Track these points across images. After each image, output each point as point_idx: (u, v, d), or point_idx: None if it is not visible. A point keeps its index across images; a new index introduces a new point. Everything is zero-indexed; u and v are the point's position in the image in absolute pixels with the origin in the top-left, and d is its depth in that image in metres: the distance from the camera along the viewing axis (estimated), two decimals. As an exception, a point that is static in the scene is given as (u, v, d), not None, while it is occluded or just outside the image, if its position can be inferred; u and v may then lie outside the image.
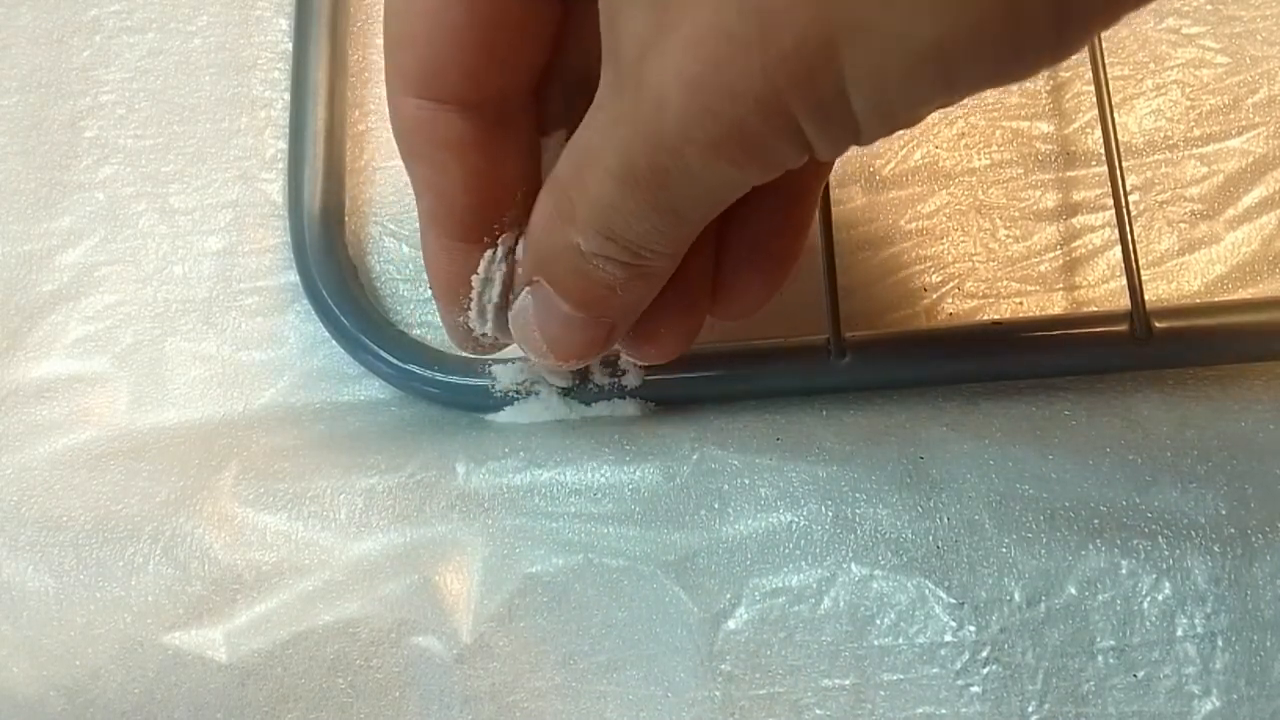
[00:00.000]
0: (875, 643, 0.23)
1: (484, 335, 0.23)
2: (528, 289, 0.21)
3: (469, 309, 0.22)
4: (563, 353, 0.22)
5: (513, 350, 0.26)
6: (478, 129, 0.20)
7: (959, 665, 0.23)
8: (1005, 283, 0.28)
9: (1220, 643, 0.22)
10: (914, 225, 0.29)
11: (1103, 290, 0.28)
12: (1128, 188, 0.27)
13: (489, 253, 0.21)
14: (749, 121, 0.15)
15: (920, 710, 0.23)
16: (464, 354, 0.29)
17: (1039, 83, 0.30)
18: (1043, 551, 0.23)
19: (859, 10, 0.14)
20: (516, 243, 0.22)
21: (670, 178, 0.17)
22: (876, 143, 0.18)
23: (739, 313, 0.23)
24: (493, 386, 0.27)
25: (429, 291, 0.30)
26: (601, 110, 0.17)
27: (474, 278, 0.22)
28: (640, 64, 0.16)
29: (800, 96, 0.15)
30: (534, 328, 0.21)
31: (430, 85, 0.20)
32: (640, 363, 0.23)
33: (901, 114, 0.15)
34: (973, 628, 0.23)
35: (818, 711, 0.23)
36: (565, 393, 0.27)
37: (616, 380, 0.26)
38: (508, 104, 0.20)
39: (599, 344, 0.22)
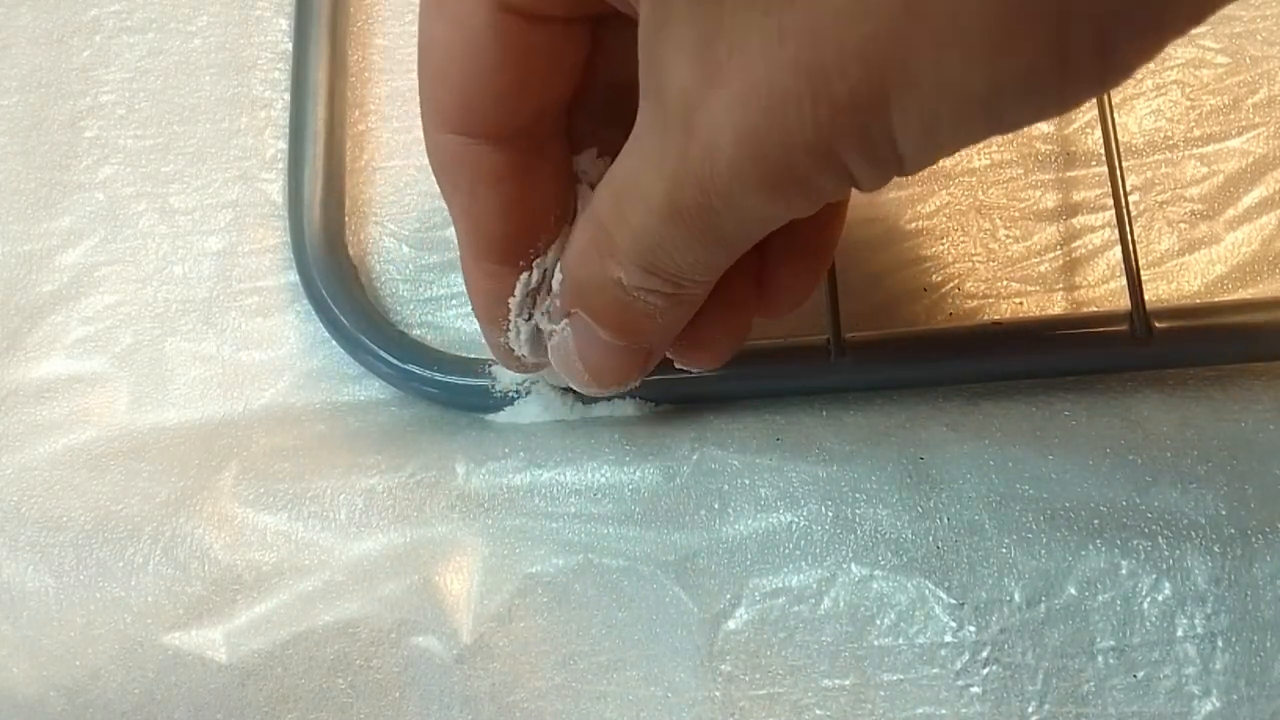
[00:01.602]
0: (875, 643, 0.23)
1: (524, 356, 0.23)
2: (566, 320, 0.22)
3: (508, 330, 0.23)
4: (606, 380, 0.22)
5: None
6: (512, 159, 0.21)
7: (959, 665, 0.23)
8: (1005, 283, 0.28)
9: (1220, 643, 0.22)
10: (914, 225, 0.29)
11: (1103, 290, 0.28)
12: (1128, 188, 0.27)
13: (524, 276, 0.22)
14: (798, 165, 0.16)
15: (920, 710, 0.23)
16: (465, 345, 0.29)
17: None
18: (1043, 551, 0.23)
19: (910, 65, 0.14)
20: (553, 266, 0.22)
21: (718, 215, 0.17)
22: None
23: (786, 309, 0.23)
24: (493, 386, 0.27)
25: (429, 292, 0.30)
26: (643, 149, 0.18)
27: (511, 300, 0.22)
28: (689, 110, 0.16)
29: (850, 143, 0.15)
30: (575, 358, 0.22)
31: (466, 121, 0.20)
32: (693, 369, 0.24)
33: (947, 151, 0.16)
34: (973, 628, 0.23)
35: (818, 711, 0.23)
36: (565, 392, 0.27)
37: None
38: (540, 131, 0.21)
39: (638, 368, 0.22)
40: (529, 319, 0.23)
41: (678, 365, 0.24)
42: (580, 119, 0.22)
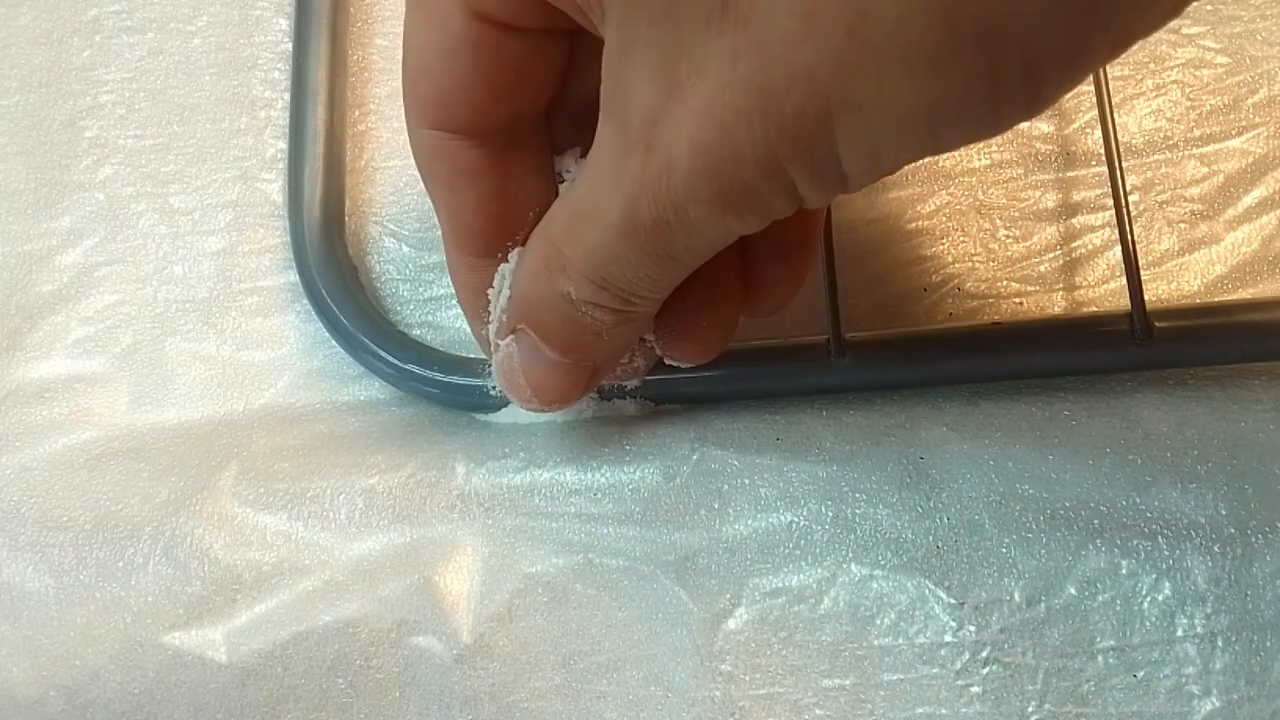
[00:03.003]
0: (875, 643, 0.23)
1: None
2: (511, 337, 0.22)
3: (489, 320, 0.23)
4: (548, 397, 0.23)
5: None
6: (489, 155, 0.21)
7: (959, 665, 0.23)
8: (1005, 283, 0.28)
9: (1220, 643, 0.22)
10: (914, 225, 0.29)
11: (1103, 290, 0.28)
12: (1128, 188, 0.27)
13: (502, 266, 0.22)
14: (749, 181, 0.16)
15: (920, 710, 0.23)
16: (464, 345, 0.29)
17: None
18: (1043, 551, 0.23)
19: (851, 88, 0.15)
20: None
21: (672, 230, 0.18)
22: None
23: (771, 306, 0.24)
24: (492, 387, 0.27)
25: (429, 292, 0.30)
26: (601, 167, 0.19)
27: (489, 291, 0.23)
28: (650, 128, 0.17)
29: (796, 160, 0.16)
30: (519, 374, 0.23)
31: (443, 117, 0.21)
32: (683, 365, 0.24)
33: (888, 169, 0.17)
34: (973, 628, 0.23)
35: (818, 711, 0.23)
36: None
37: (616, 380, 0.26)
38: (518, 130, 0.22)
39: (581, 387, 0.23)
40: (504, 310, 0.23)
41: (667, 361, 0.24)
42: (563, 123, 0.23)
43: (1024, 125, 0.29)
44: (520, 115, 0.21)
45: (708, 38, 0.15)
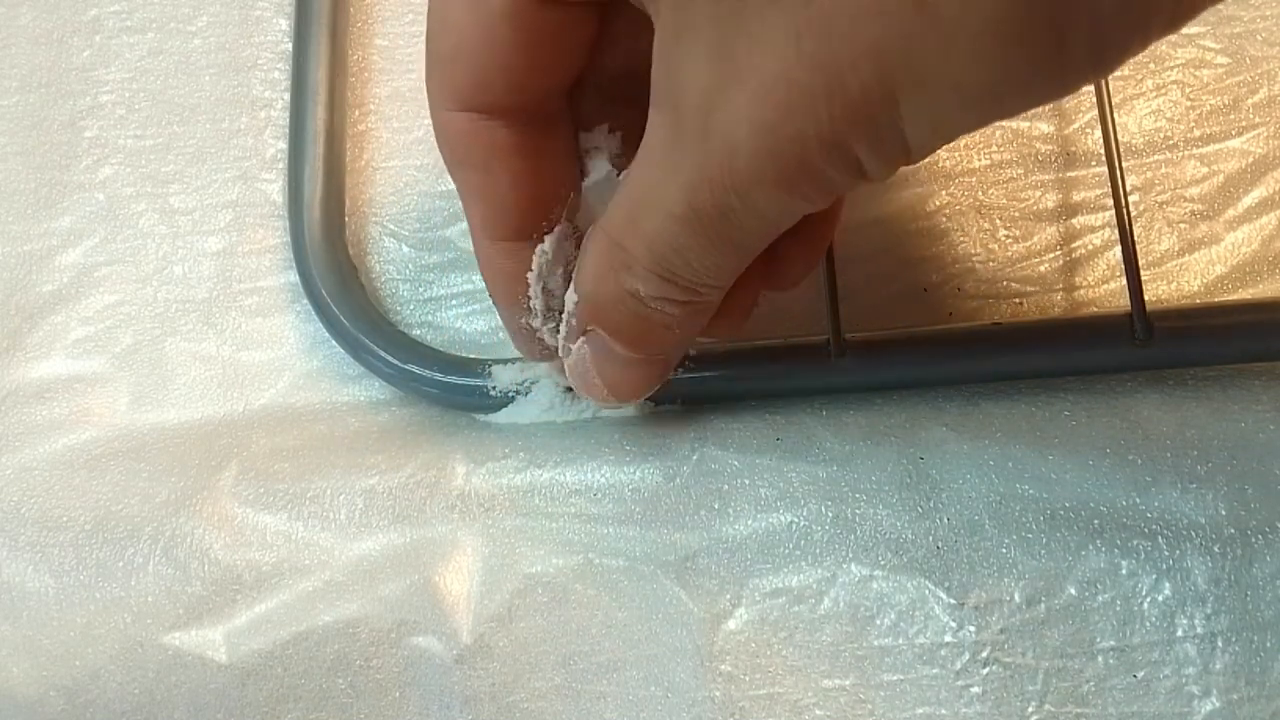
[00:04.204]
0: (875, 643, 0.23)
1: (546, 329, 0.23)
2: (583, 339, 0.22)
3: (529, 308, 0.23)
4: (624, 393, 0.23)
5: (514, 351, 0.26)
6: (522, 135, 0.21)
7: (959, 665, 0.23)
8: (1005, 283, 0.28)
9: (1220, 643, 0.22)
10: (914, 225, 0.29)
11: (1103, 290, 0.28)
12: (1128, 188, 0.27)
13: (539, 249, 0.22)
14: (812, 159, 0.16)
15: (920, 710, 0.23)
16: (464, 344, 0.29)
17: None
18: (1043, 552, 0.23)
19: (919, 62, 0.15)
20: (572, 230, 0.23)
21: (736, 216, 0.18)
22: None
23: (791, 281, 0.24)
24: (492, 387, 0.27)
25: (429, 292, 0.30)
26: (657, 158, 0.18)
27: (529, 274, 0.23)
28: (707, 112, 0.17)
29: (861, 136, 0.16)
30: (594, 375, 0.22)
31: (479, 99, 0.21)
32: (706, 340, 0.24)
33: (952, 138, 0.17)
34: (973, 628, 0.23)
35: (818, 711, 0.23)
36: (566, 392, 0.27)
37: None
38: (547, 107, 0.21)
39: (656, 379, 0.23)
40: (550, 285, 0.23)
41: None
42: (590, 97, 0.22)
43: (1024, 125, 0.29)
44: (552, 91, 0.21)
45: (769, 15, 0.15)
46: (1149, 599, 0.22)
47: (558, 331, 0.23)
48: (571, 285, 0.22)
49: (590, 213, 0.23)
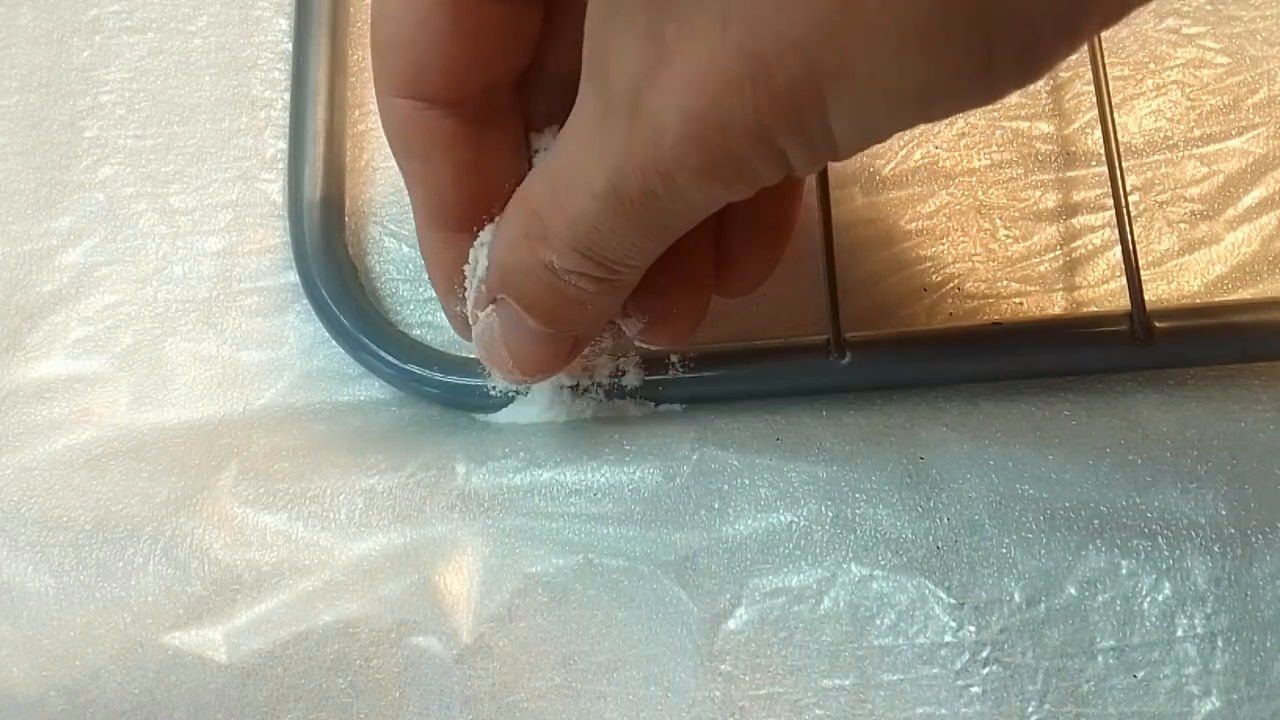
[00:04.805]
0: (875, 643, 0.23)
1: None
2: (492, 307, 0.22)
3: (464, 297, 0.23)
4: (530, 368, 0.23)
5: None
6: (464, 126, 0.21)
7: (959, 665, 0.23)
8: (1005, 283, 0.28)
9: (1220, 643, 0.22)
10: (914, 225, 0.29)
11: (1103, 290, 0.28)
12: (1128, 188, 0.27)
13: (478, 241, 0.22)
14: (738, 149, 0.16)
15: (920, 710, 0.23)
16: (464, 344, 0.29)
17: (1039, 83, 0.30)
18: (1043, 551, 0.23)
19: (845, 58, 0.14)
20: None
21: (659, 200, 0.18)
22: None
23: (743, 288, 0.23)
24: (492, 387, 0.27)
25: (429, 292, 0.30)
26: (583, 136, 0.18)
27: (465, 266, 0.22)
28: (635, 95, 0.16)
29: (787, 130, 0.16)
30: (500, 345, 0.22)
31: (416, 87, 0.20)
32: (654, 347, 0.24)
33: (879, 138, 0.17)
34: (973, 628, 0.23)
35: (818, 711, 0.23)
36: (566, 391, 0.27)
37: (616, 380, 0.26)
38: (492, 101, 0.21)
39: (564, 357, 0.23)
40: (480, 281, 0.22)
41: (638, 344, 0.24)
42: (541, 97, 0.22)
43: (1024, 125, 0.29)
44: (495, 85, 0.21)
45: (698, 2, 0.15)
46: (1149, 599, 0.22)
47: None
48: (485, 251, 0.22)
49: None
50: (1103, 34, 0.28)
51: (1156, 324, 0.25)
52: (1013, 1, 0.14)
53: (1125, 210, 0.26)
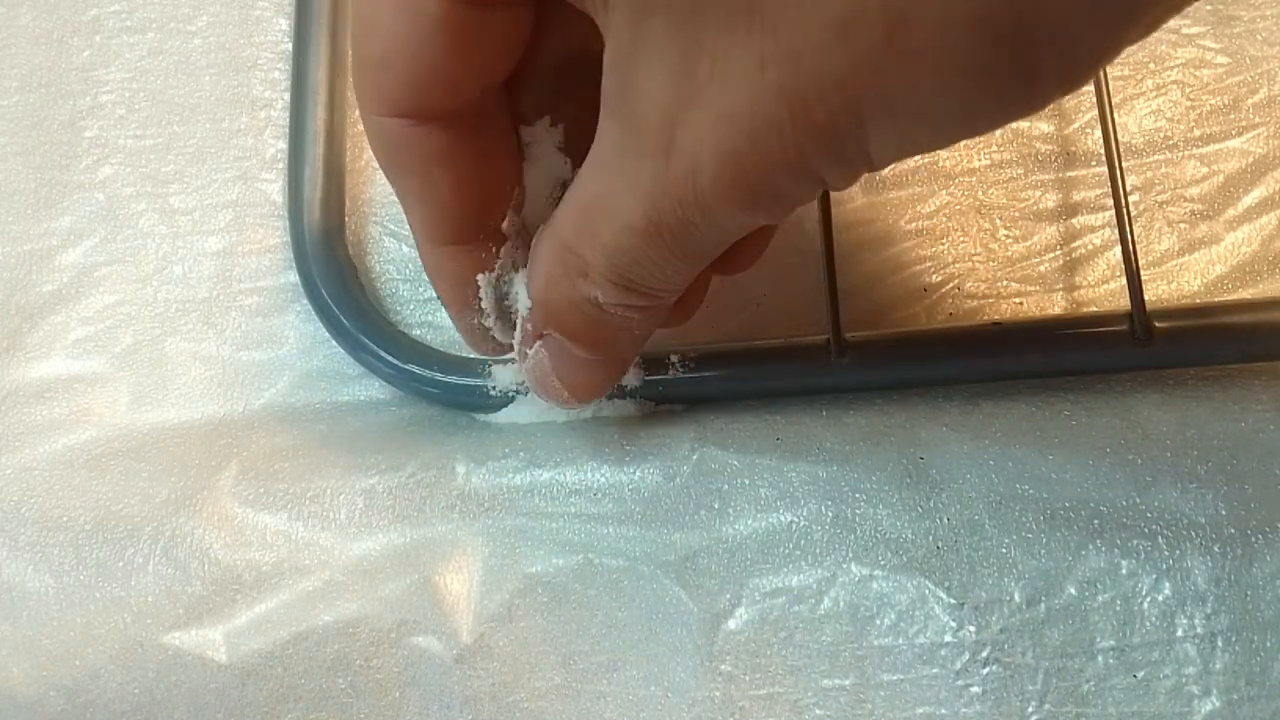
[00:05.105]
0: (875, 643, 0.23)
1: (498, 327, 0.23)
2: (539, 343, 0.22)
3: (481, 309, 0.23)
4: (584, 394, 0.23)
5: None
6: (460, 137, 0.21)
7: (959, 665, 0.23)
8: (1005, 283, 0.28)
9: (1220, 643, 0.22)
10: (914, 225, 0.29)
11: (1103, 290, 0.28)
12: (1128, 188, 0.27)
13: (489, 248, 0.22)
14: (778, 181, 0.16)
15: (920, 710, 0.23)
16: (478, 355, 0.29)
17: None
18: (1043, 551, 0.23)
19: (886, 94, 0.15)
20: (521, 226, 0.22)
21: (698, 229, 0.18)
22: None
23: (739, 265, 0.23)
24: (492, 387, 0.27)
25: (429, 292, 0.30)
26: (611, 169, 0.18)
27: (480, 276, 0.22)
28: (669, 130, 0.16)
29: (826, 158, 0.16)
30: (552, 377, 0.22)
31: (412, 105, 0.20)
32: (663, 330, 0.24)
33: (918, 153, 0.17)
34: (973, 628, 0.23)
35: (818, 711, 0.23)
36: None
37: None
38: (485, 106, 0.21)
39: (614, 378, 0.23)
40: (506, 291, 0.22)
41: None
42: (529, 92, 0.22)
43: (1024, 125, 0.29)
44: (488, 91, 0.21)
45: (733, 40, 0.15)
46: (1149, 599, 0.22)
47: (510, 328, 0.23)
48: (524, 288, 0.22)
49: (538, 207, 0.22)
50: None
51: (1156, 324, 0.25)
52: (1056, 21, 0.14)
53: (1125, 210, 0.26)
